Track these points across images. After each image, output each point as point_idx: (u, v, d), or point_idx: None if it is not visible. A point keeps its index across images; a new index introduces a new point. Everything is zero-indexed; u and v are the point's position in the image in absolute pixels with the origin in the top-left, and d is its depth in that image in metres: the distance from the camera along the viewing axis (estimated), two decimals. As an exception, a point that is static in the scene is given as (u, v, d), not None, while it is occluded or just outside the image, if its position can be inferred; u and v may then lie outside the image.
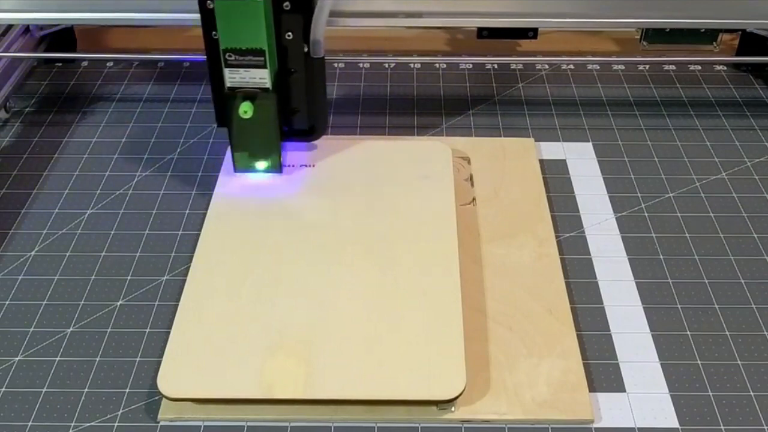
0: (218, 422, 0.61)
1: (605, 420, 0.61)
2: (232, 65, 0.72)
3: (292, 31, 0.73)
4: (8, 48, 0.96)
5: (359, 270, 0.69)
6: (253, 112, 0.73)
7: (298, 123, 0.79)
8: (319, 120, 0.80)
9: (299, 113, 0.79)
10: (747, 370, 0.65)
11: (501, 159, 0.85)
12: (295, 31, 0.73)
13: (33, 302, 0.71)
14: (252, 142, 0.77)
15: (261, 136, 0.77)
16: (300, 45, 0.74)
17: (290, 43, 0.74)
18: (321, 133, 0.82)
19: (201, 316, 0.65)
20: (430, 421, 0.61)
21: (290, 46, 0.74)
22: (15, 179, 0.85)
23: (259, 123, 0.75)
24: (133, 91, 1.00)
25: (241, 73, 0.72)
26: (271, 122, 0.75)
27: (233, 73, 0.72)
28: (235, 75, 0.72)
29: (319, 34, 0.73)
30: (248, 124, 0.74)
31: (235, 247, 0.72)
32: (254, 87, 0.73)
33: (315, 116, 0.80)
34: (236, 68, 0.72)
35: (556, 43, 1.07)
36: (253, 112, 0.73)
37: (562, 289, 0.71)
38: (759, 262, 0.75)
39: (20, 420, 0.61)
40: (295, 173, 0.80)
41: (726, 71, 1.03)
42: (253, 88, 0.73)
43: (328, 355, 0.62)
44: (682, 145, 0.89)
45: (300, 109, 0.78)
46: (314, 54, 0.74)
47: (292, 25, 0.73)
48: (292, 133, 0.81)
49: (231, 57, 0.71)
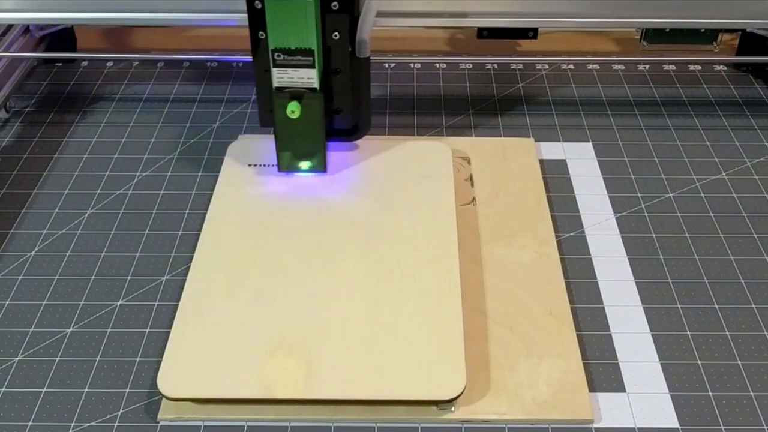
0: (218, 422, 0.61)
1: (605, 420, 0.61)
2: (280, 65, 0.72)
3: (339, 31, 0.73)
4: (8, 48, 0.96)
5: (359, 270, 0.69)
6: (301, 112, 0.73)
7: (341, 123, 0.79)
8: (362, 120, 0.80)
9: (343, 113, 0.78)
10: (747, 370, 0.65)
11: (501, 159, 0.85)
12: (342, 31, 0.73)
13: (33, 302, 0.71)
14: (297, 142, 0.77)
15: (306, 136, 0.76)
16: (345, 45, 0.74)
17: (336, 43, 0.74)
18: (364, 133, 0.82)
19: (201, 316, 0.65)
20: (430, 421, 0.61)
21: (336, 46, 0.74)
22: (15, 179, 0.85)
23: (305, 123, 0.74)
24: (133, 91, 1.00)
25: (290, 73, 0.72)
26: (317, 122, 0.75)
27: (281, 72, 0.72)
28: (284, 75, 0.72)
29: (366, 34, 0.73)
30: (294, 124, 0.74)
31: (235, 247, 0.72)
32: (302, 87, 0.73)
33: (359, 116, 0.80)
34: (285, 68, 0.72)
35: (556, 43, 1.07)
36: (301, 112, 0.73)
37: (562, 289, 0.71)
38: (759, 262, 0.75)
39: (20, 420, 0.61)
40: (296, 174, 0.80)
41: (726, 71, 1.03)
42: (301, 88, 0.73)
43: (328, 355, 0.62)
44: (682, 145, 0.89)
45: (343, 109, 0.78)
46: (360, 54, 0.74)
47: (338, 25, 0.73)
48: (335, 132, 0.81)
49: (280, 57, 0.71)
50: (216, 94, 0.98)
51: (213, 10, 0.85)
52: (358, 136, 0.82)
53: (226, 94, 0.98)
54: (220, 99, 0.97)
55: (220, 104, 0.96)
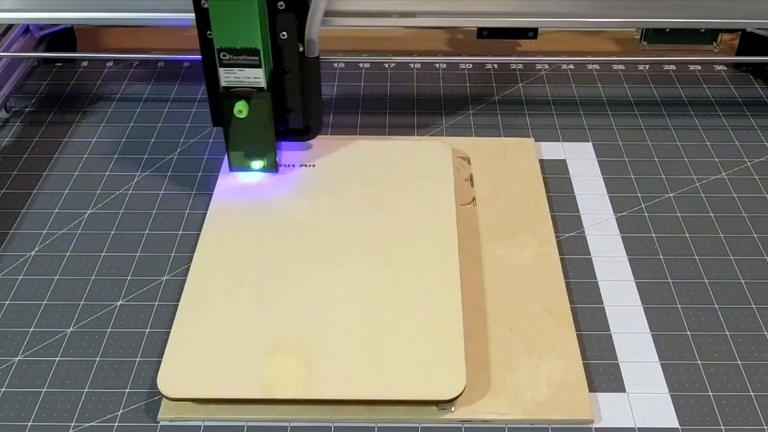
0: (218, 422, 0.61)
1: (605, 420, 0.61)
2: (226, 65, 0.72)
3: (287, 31, 0.73)
4: (8, 48, 0.96)
5: (359, 270, 0.69)
6: (248, 112, 0.73)
7: (293, 122, 0.80)
8: (314, 119, 0.80)
9: (294, 113, 0.79)
10: (747, 370, 0.65)
11: (501, 159, 0.85)
12: (290, 30, 0.73)
13: (33, 302, 0.71)
14: (247, 141, 0.77)
15: (256, 136, 0.77)
16: (295, 44, 0.74)
17: (285, 42, 0.74)
18: (316, 133, 0.82)
19: (201, 316, 0.65)
20: (430, 421, 0.61)
21: (285, 45, 0.74)
22: (15, 179, 0.85)
23: (254, 122, 0.75)
24: (133, 91, 1.00)
25: (236, 73, 0.72)
26: (266, 122, 0.75)
27: (228, 72, 0.72)
28: (230, 74, 0.72)
29: (314, 34, 0.73)
30: (243, 123, 0.74)
31: (235, 247, 0.72)
32: (249, 86, 0.73)
33: (310, 116, 0.80)
34: (231, 68, 0.72)
35: (556, 43, 1.07)
36: (248, 112, 0.73)
37: (562, 289, 0.71)
38: (759, 262, 0.75)
39: (20, 420, 0.61)
40: (295, 173, 0.80)
41: (726, 71, 1.03)
42: (248, 88, 0.73)
43: (328, 355, 0.62)
44: (682, 145, 0.89)
45: (295, 109, 0.78)
46: (309, 53, 0.75)
47: (286, 25, 0.73)
48: (288, 132, 0.81)
49: (226, 56, 0.71)
50: (216, 94, 0.98)
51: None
52: (310, 136, 0.82)
53: (226, 94, 0.98)
54: (220, 99, 0.97)
55: (220, 104, 0.96)
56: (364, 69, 1.04)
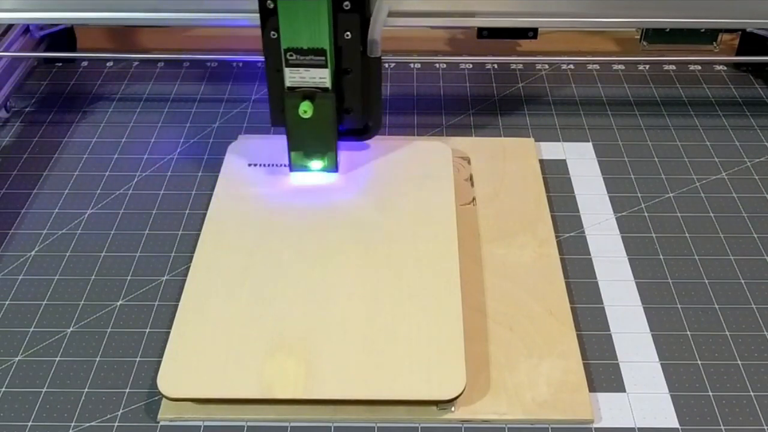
0: (218, 422, 0.61)
1: (605, 420, 0.61)
2: (293, 65, 0.72)
3: (351, 31, 0.73)
4: (8, 48, 0.96)
5: (359, 270, 0.69)
6: (313, 112, 0.73)
7: (352, 122, 0.79)
8: (373, 119, 0.80)
9: (353, 112, 0.78)
10: (747, 370, 0.65)
11: (501, 159, 0.85)
12: (353, 30, 0.73)
13: (33, 302, 0.71)
14: (309, 141, 0.77)
15: (318, 136, 0.76)
16: (357, 45, 0.74)
17: (347, 42, 0.73)
18: (375, 133, 0.81)
19: (201, 316, 0.65)
20: (430, 421, 0.61)
21: (347, 45, 0.74)
22: (15, 179, 0.85)
23: (316, 122, 0.74)
24: (133, 91, 1.00)
25: (302, 73, 0.72)
26: (329, 122, 0.75)
27: (294, 72, 0.72)
28: (296, 74, 0.72)
29: (377, 34, 0.73)
30: (306, 123, 0.74)
31: (235, 247, 0.72)
32: (314, 86, 0.73)
33: (370, 115, 0.80)
34: (297, 68, 0.72)
35: (556, 43, 1.07)
36: (313, 112, 0.73)
37: (562, 289, 0.71)
38: (759, 262, 0.75)
39: (20, 420, 0.61)
40: (295, 173, 0.80)
41: (726, 71, 1.03)
42: (313, 88, 0.73)
43: (328, 355, 0.62)
44: (682, 145, 0.89)
45: (354, 109, 0.78)
46: (371, 53, 0.74)
47: (350, 25, 0.72)
48: (346, 132, 0.80)
49: (292, 56, 0.71)
50: (216, 94, 0.98)
51: (213, 10, 0.85)
52: (369, 136, 0.82)
53: (226, 94, 0.98)
54: (220, 99, 0.97)
55: (220, 104, 0.96)
56: (364, 69, 1.03)
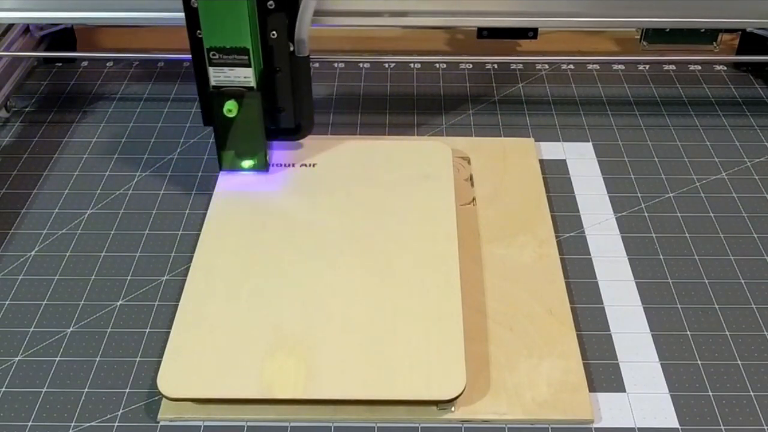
0: (218, 422, 0.61)
1: (605, 420, 0.61)
2: (216, 64, 0.72)
3: (277, 30, 0.73)
4: (8, 48, 0.96)
5: (359, 270, 0.69)
6: (238, 111, 0.73)
7: (284, 122, 0.79)
8: (305, 119, 0.80)
9: (285, 112, 0.79)
10: (747, 370, 0.65)
11: (501, 159, 0.85)
12: (280, 29, 0.73)
13: (33, 302, 0.71)
14: (237, 141, 0.77)
15: (246, 135, 0.77)
16: (285, 44, 0.74)
17: (275, 42, 0.74)
18: (307, 132, 0.82)
19: (201, 316, 0.65)
20: (430, 421, 0.61)
21: (275, 45, 0.74)
22: (15, 179, 0.85)
23: (244, 122, 0.75)
24: (133, 90, 1.00)
25: (226, 72, 0.72)
26: (256, 121, 0.75)
27: (218, 71, 0.72)
28: (220, 74, 0.72)
29: (304, 33, 0.73)
30: (233, 122, 0.74)
31: (235, 247, 0.72)
32: (239, 86, 0.73)
33: (301, 115, 0.80)
34: (221, 67, 0.72)
35: (556, 43, 1.07)
36: (238, 111, 0.73)
37: (562, 289, 0.71)
38: (759, 262, 0.75)
39: (20, 420, 0.61)
40: (295, 173, 0.80)
41: (726, 71, 1.03)
42: (238, 87, 0.73)
43: (328, 355, 0.62)
44: (682, 145, 0.89)
45: (286, 108, 0.78)
46: (299, 53, 0.75)
47: (276, 24, 0.73)
48: (278, 132, 0.81)
49: (215, 56, 0.71)
50: (216, 94, 0.98)
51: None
52: (300, 136, 0.82)
53: (226, 94, 0.98)
54: (220, 99, 0.97)
55: (220, 104, 0.96)
56: (364, 69, 1.03)
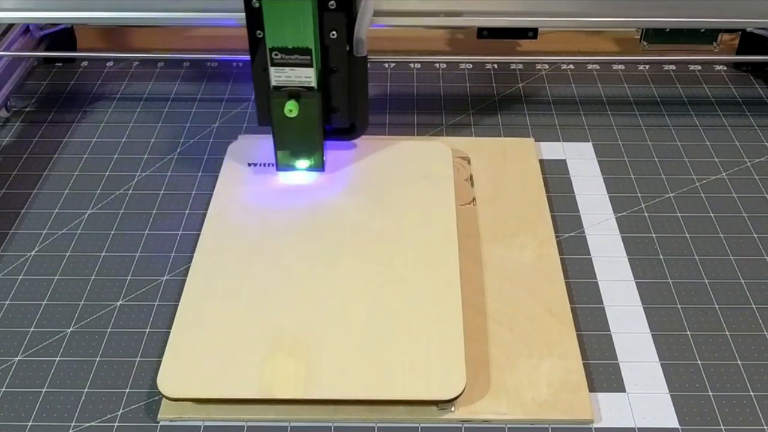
0: (218, 422, 0.61)
1: (605, 420, 0.61)
2: (278, 64, 0.72)
3: (336, 30, 0.73)
4: (8, 48, 0.96)
5: (359, 270, 0.69)
6: (298, 111, 0.73)
7: (338, 122, 0.79)
8: (359, 119, 0.80)
9: (340, 112, 0.78)
10: (747, 370, 0.65)
11: (501, 159, 0.85)
12: (339, 29, 0.73)
13: (33, 302, 0.71)
14: (295, 140, 0.77)
15: (304, 135, 0.76)
16: (343, 44, 0.74)
17: (333, 41, 0.73)
18: (361, 132, 0.81)
19: (201, 316, 0.65)
20: (430, 421, 0.61)
21: (333, 44, 0.74)
22: (15, 179, 0.85)
23: (302, 122, 0.74)
24: (133, 90, 1.00)
25: (287, 72, 0.72)
26: (314, 121, 0.75)
27: (279, 71, 0.72)
28: (281, 74, 0.72)
29: (363, 33, 0.73)
30: (292, 122, 0.74)
31: (235, 247, 0.72)
32: (299, 86, 0.73)
33: (356, 115, 0.80)
34: (282, 67, 0.72)
35: (556, 43, 1.07)
36: (298, 111, 0.73)
37: (562, 289, 0.71)
38: (759, 262, 0.75)
39: (20, 420, 0.61)
40: (295, 173, 0.80)
41: (726, 71, 1.03)
42: (299, 87, 0.73)
43: (328, 355, 0.62)
44: (682, 145, 0.89)
45: (341, 108, 0.78)
46: (357, 53, 0.74)
47: (336, 24, 0.72)
48: (332, 131, 0.81)
49: (278, 56, 0.71)
50: (216, 94, 0.98)
51: (213, 10, 0.85)
52: (355, 135, 0.82)
53: (226, 94, 0.98)
54: (220, 99, 0.97)
55: (220, 104, 0.96)
56: (364, 69, 1.03)
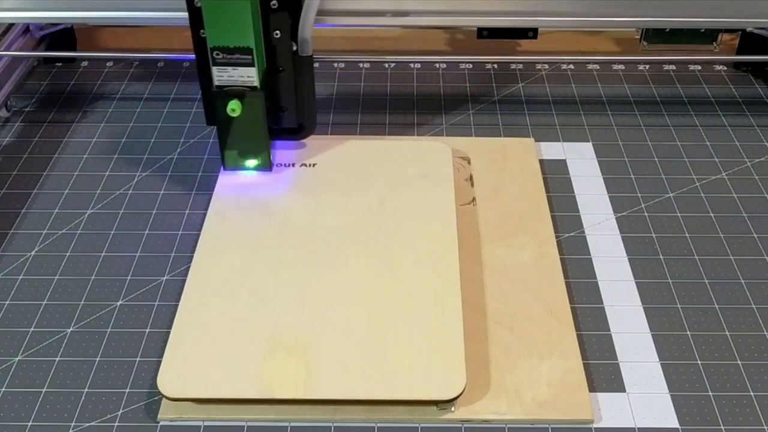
0: (218, 422, 0.61)
1: (605, 420, 0.61)
2: (219, 63, 0.72)
3: (280, 30, 0.73)
4: (8, 47, 0.96)
5: (359, 270, 0.69)
6: (241, 111, 0.73)
7: (287, 121, 0.80)
8: (307, 118, 0.80)
9: (287, 111, 0.79)
10: (747, 370, 0.65)
11: (501, 159, 0.85)
12: (283, 29, 0.73)
13: (33, 302, 0.71)
14: (241, 140, 0.77)
15: (249, 135, 0.77)
16: (288, 43, 0.74)
17: (278, 41, 0.74)
18: (309, 132, 0.82)
19: (201, 316, 0.65)
20: (430, 421, 0.61)
21: (278, 44, 0.74)
22: (15, 179, 0.85)
23: (247, 121, 0.75)
24: (133, 90, 1.00)
25: (229, 72, 0.72)
26: (259, 120, 0.75)
27: (221, 71, 0.72)
28: (223, 73, 0.73)
29: (307, 33, 0.73)
30: (236, 122, 0.75)
31: (235, 247, 0.72)
32: (242, 85, 0.73)
33: (303, 115, 0.80)
34: (224, 66, 0.72)
35: (556, 43, 1.07)
36: (241, 111, 0.73)
37: (562, 289, 0.71)
38: (759, 262, 0.75)
39: (20, 420, 0.61)
40: (295, 173, 0.80)
41: (726, 71, 1.03)
42: (241, 87, 0.73)
43: (327, 355, 0.62)
44: (682, 145, 0.89)
45: (288, 108, 0.78)
46: (302, 52, 0.75)
47: (279, 24, 0.73)
48: (281, 131, 0.81)
49: (219, 55, 0.71)
50: (216, 94, 0.98)
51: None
52: (303, 135, 0.82)
53: (226, 94, 0.98)
54: (220, 99, 0.97)
55: (220, 104, 0.96)
56: (364, 69, 1.03)
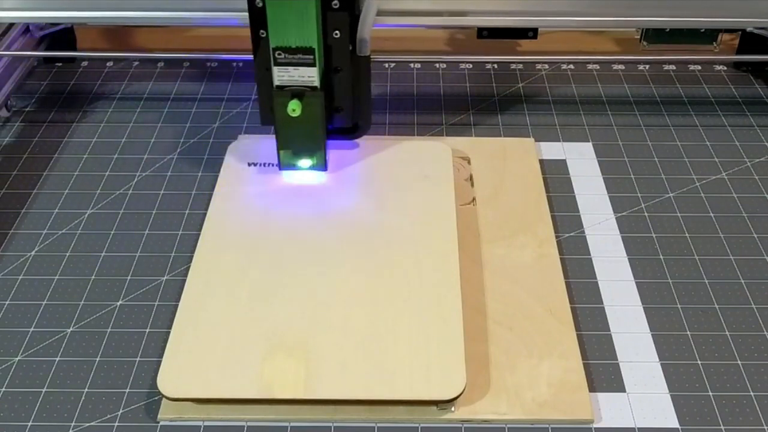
0: (218, 422, 0.61)
1: (605, 420, 0.61)
2: (281, 63, 0.72)
3: (339, 30, 0.73)
4: (8, 47, 0.96)
5: (359, 270, 0.69)
6: (301, 111, 0.73)
7: (341, 121, 0.79)
8: (362, 118, 0.80)
9: (343, 111, 0.78)
10: (747, 370, 0.65)
11: (501, 159, 0.85)
12: (342, 29, 0.73)
13: (33, 302, 0.71)
14: (297, 140, 0.77)
15: (307, 134, 0.76)
16: (346, 43, 0.74)
17: (336, 41, 0.74)
18: (364, 132, 0.82)
19: (201, 316, 0.65)
20: (430, 421, 0.61)
21: (336, 44, 0.74)
22: (15, 179, 0.85)
23: (305, 121, 0.74)
24: (133, 90, 1.00)
25: (290, 71, 0.72)
26: (317, 120, 0.75)
27: (282, 71, 0.72)
28: (284, 73, 0.72)
29: (366, 33, 0.73)
30: (295, 122, 0.74)
31: (235, 247, 0.72)
32: (302, 85, 0.73)
33: (358, 114, 0.80)
34: (286, 66, 0.72)
35: (556, 43, 1.07)
36: (301, 111, 0.73)
37: (562, 289, 0.71)
38: (759, 262, 0.75)
39: (20, 420, 0.61)
40: (295, 173, 0.80)
41: (726, 71, 1.03)
42: (301, 86, 0.73)
43: (328, 355, 0.62)
44: (682, 145, 0.89)
45: (344, 108, 0.78)
46: (360, 52, 0.74)
47: (339, 24, 0.73)
48: (335, 131, 0.81)
49: (281, 55, 0.71)
50: (216, 94, 0.98)
51: (213, 10, 0.85)
52: (358, 135, 0.82)
53: (226, 94, 0.98)
54: (220, 99, 0.97)
55: (220, 104, 0.96)
56: (364, 69, 1.03)
